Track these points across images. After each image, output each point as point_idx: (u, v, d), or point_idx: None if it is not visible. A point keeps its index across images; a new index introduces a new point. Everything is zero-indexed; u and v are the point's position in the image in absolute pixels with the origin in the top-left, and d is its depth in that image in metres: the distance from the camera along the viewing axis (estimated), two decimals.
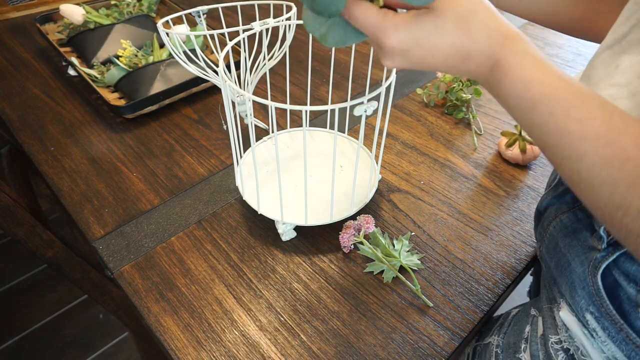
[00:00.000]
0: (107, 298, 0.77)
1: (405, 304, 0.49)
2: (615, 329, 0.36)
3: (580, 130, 0.27)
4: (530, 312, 0.49)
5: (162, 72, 0.76)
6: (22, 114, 0.75)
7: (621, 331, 0.36)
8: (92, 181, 0.63)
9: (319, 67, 0.89)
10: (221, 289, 0.50)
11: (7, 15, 1.01)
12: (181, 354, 0.45)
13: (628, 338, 0.36)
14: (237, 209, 0.59)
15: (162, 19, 0.60)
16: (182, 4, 1.06)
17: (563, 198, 0.45)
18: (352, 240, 0.52)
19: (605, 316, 0.37)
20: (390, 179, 0.64)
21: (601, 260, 0.38)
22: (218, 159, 0.67)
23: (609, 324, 0.37)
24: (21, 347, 1.22)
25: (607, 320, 0.37)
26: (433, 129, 0.73)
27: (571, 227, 0.43)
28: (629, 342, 0.36)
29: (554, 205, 0.46)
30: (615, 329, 0.36)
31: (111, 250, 0.54)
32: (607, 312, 0.37)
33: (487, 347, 0.51)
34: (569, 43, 0.97)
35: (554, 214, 0.46)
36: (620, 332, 0.36)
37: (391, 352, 0.45)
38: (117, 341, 1.23)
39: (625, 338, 0.36)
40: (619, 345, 0.37)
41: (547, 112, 0.28)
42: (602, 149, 0.26)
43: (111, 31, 0.86)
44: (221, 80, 0.47)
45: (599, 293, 0.38)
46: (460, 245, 0.55)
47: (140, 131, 0.72)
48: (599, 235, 0.38)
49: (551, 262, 0.45)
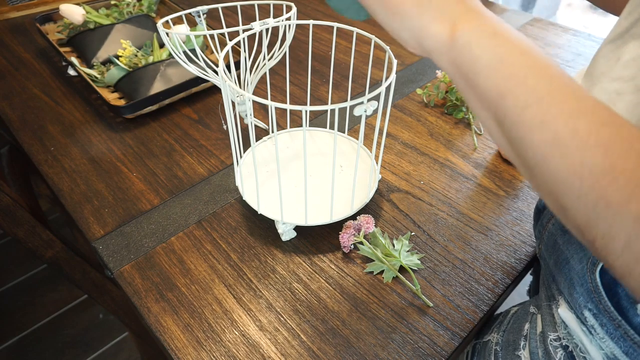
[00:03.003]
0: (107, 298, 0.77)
1: (405, 304, 0.49)
2: (614, 326, 0.37)
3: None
4: (530, 310, 0.49)
5: (162, 72, 0.76)
6: (22, 114, 0.75)
7: (619, 328, 0.36)
8: (92, 181, 0.63)
9: (319, 67, 0.89)
10: (221, 289, 0.50)
11: (7, 15, 1.01)
12: (181, 354, 0.45)
13: (626, 334, 0.36)
14: (237, 209, 0.59)
15: (162, 19, 0.60)
16: (182, 4, 1.06)
17: None
18: (352, 240, 0.52)
19: (604, 313, 0.37)
20: (390, 179, 0.64)
21: None
22: (218, 159, 0.67)
23: (607, 321, 0.37)
24: (21, 347, 1.22)
25: (605, 317, 0.37)
26: (433, 129, 0.73)
27: None
28: (627, 338, 0.36)
29: None
30: (613, 325, 0.37)
31: (111, 250, 0.54)
32: (605, 309, 0.37)
33: (487, 345, 0.51)
34: (568, 43, 0.97)
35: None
36: (618, 329, 0.36)
37: (391, 352, 0.45)
38: (117, 341, 1.23)
39: (623, 335, 0.36)
40: (617, 342, 0.37)
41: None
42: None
43: (111, 31, 0.86)
44: (221, 80, 0.47)
45: (597, 290, 0.38)
46: (460, 245, 0.55)
47: (140, 131, 0.72)
48: None
49: (550, 259, 0.45)
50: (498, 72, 0.25)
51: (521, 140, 0.24)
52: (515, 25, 1.04)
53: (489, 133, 0.28)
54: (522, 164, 0.26)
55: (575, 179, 0.22)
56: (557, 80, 0.24)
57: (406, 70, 0.87)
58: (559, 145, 0.22)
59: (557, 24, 1.04)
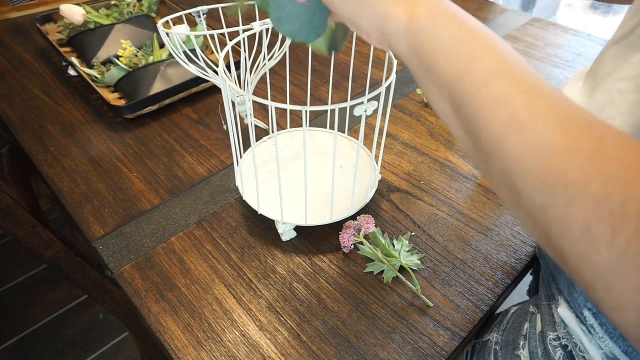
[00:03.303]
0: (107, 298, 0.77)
1: (405, 304, 0.49)
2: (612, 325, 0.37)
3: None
4: (529, 310, 0.49)
5: (162, 72, 0.76)
6: (22, 114, 0.75)
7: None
8: (92, 181, 0.63)
9: (318, 67, 0.89)
10: (221, 289, 0.50)
11: (7, 15, 1.02)
12: (181, 354, 0.45)
13: None
14: (237, 209, 0.59)
15: (162, 19, 0.60)
16: (182, 4, 1.06)
17: None
18: (352, 240, 0.52)
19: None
20: (390, 179, 0.64)
21: None
22: (218, 159, 0.67)
23: (607, 320, 0.37)
24: (21, 347, 1.22)
25: (605, 316, 0.37)
26: (433, 129, 0.73)
27: None
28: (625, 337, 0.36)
29: None
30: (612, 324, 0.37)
31: (111, 250, 0.54)
32: None
33: (486, 345, 0.51)
34: (568, 43, 0.97)
35: None
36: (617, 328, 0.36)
37: (391, 352, 0.45)
38: (117, 341, 1.23)
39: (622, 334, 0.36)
40: (616, 341, 0.37)
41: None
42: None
43: (111, 31, 0.86)
44: (221, 80, 0.47)
45: None
46: (460, 245, 0.55)
47: (140, 131, 0.72)
48: None
49: (550, 259, 0.45)
50: (457, 52, 0.25)
51: (477, 120, 0.23)
52: (515, 25, 1.04)
53: (445, 121, 0.27)
54: (477, 147, 0.24)
55: (533, 158, 0.21)
56: (515, 60, 0.24)
57: (406, 70, 0.87)
58: (517, 122, 0.21)
59: (557, 24, 1.04)
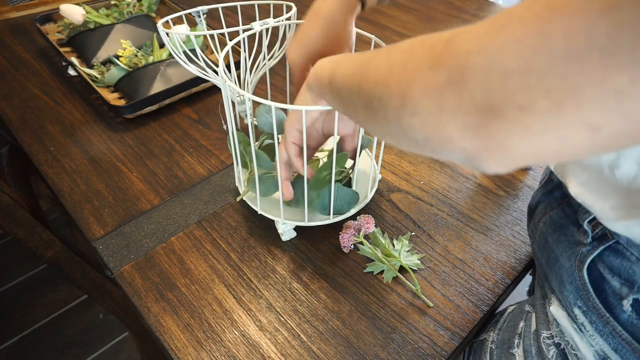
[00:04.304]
0: (107, 298, 0.77)
1: (405, 304, 0.49)
2: (602, 323, 0.37)
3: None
4: (525, 309, 0.49)
5: (162, 72, 0.76)
6: (22, 114, 0.75)
7: (607, 325, 0.36)
8: (92, 181, 0.63)
9: None
10: (221, 289, 0.50)
11: (7, 15, 1.02)
12: (181, 354, 0.45)
13: (614, 331, 0.36)
14: (237, 209, 0.59)
15: (162, 19, 0.60)
16: (182, 4, 1.06)
17: (552, 195, 0.46)
18: (352, 240, 0.52)
19: (592, 310, 0.37)
20: (390, 179, 0.64)
21: (586, 254, 0.38)
22: (218, 159, 0.67)
23: (596, 318, 0.37)
24: (21, 347, 1.22)
25: (594, 314, 0.37)
26: None
27: (559, 223, 0.43)
28: (615, 335, 0.36)
29: (544, 202, 0.47)
30: (602, 322, 0.37)
31: (111, 250, 0.54)
32: (594, 306, 0.37)
33: (483, 344, 0.51)
34: None
35: (544, 210, 0.46)
36: (606, 326, 0.36)
37: (391, 352, 0.45)
38: (117, 341, 1.23)
39: (611, 331, 0.36)
40: (606, 339, 0.37)
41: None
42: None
43: (111, 31, 0.86)
44: (221, 80, 0.47)
45: (586, 287, 0.38)
46: (460, 245, 0.55)
47: (140, 131, 0.72)
48: (584, 229, 0.39)
49: (542, 258, 0.45)
50: (357, 74, 0.33)
51: (370, 89, 0.30)
52: None
53: (367, 127, 0.34)
54: (375, 113, 0.30)
55: (391, 75, 0.27)
56: (379, 51, 0.31)
57: None
58: (383, 68, 0.29)
59: None
